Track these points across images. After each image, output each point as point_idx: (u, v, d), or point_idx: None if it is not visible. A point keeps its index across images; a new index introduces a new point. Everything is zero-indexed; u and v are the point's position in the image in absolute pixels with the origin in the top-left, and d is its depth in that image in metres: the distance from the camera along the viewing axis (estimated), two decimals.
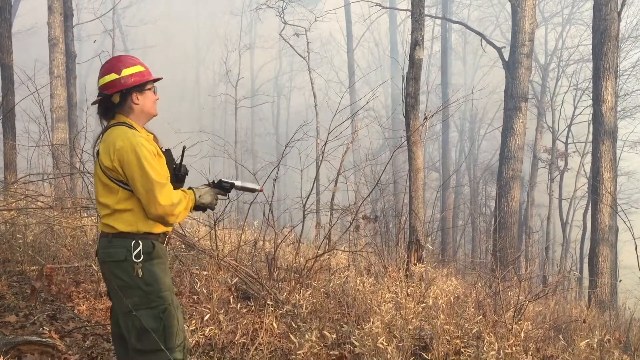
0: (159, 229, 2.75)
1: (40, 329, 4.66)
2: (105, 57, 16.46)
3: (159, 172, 2.68)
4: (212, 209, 3.00)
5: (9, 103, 9.92)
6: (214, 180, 3.05)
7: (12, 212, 6.89)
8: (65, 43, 11.02)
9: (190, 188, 2.92)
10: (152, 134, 2.92)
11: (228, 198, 3.12)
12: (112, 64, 2.80)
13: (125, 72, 2.74)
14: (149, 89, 2.84)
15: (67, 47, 11.17)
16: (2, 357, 3.85)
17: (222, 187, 3.01)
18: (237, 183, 3.07)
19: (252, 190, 3.17)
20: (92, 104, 2.85)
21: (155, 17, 34.63)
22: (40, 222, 6.78)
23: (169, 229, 2.87)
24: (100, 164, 2.69)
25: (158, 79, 2.90)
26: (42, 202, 7.54)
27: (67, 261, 6.19)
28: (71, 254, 6.39)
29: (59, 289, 5.37)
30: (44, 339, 4.31)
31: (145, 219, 2.70)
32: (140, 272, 2.63)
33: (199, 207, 2.92)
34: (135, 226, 2.68)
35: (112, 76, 2.74)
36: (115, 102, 2.75)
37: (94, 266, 5.52)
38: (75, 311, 5.18)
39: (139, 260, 2.63)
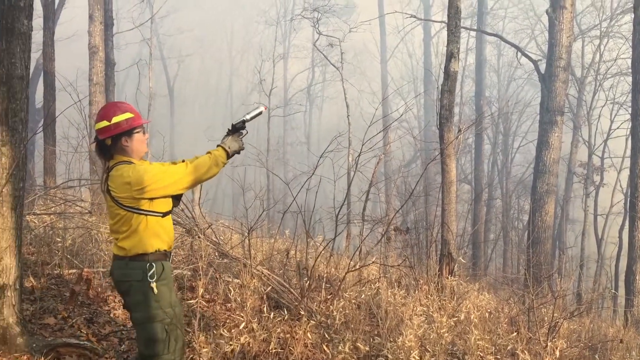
0: (165, 245, 3.19)
1: (78, 331, 4.77)
2: (142, 66, 16.78)
3: (169, 171, 3.15)
4: (244, 149, 3.40)
5: (50, 109, 10.19)
6: (229, 129, 3.40)
7: (52, 217, 7.06)
8: (105, 52, 11.26)
9: (218, 145, 3.32)
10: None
11: (247, 132, 3.44)
12: (105, 112, 3.22)
13: (115, 119, 3.16)
14: (137, 132, 3.23)
15: (107, 55, 11.42)
16: (42, 358, 3.95)
17: (238, 129, 3.39)
18: (247, 117, 3.44)
19: (260, 114, 3.52)
20: (90, 144, 3.22)
21: (191, 26, 35.26)
22: (78, 227, 6.93)
23: (171, 248, 3.30)
24: (113, 196, 3.09)
25: (143, 124, 3.29)
26: (80, 207, 7.71)
27: (103, 265, 6.31)
28: (107, 259, 6.52)
29: (96, 293, 5.48)
30: (81, 342, 4.41)
31: (156, 236, 3.14)
32: (153, 291, 3.06)
33: (233, 154, 3.34)
34: (149, 244, 3.10)
35: (104, 123, 3.17)
36: (108, 144, 3.19)
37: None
38: (112, 315, 5.28)
39: (152, 280, 3.07)
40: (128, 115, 3.20)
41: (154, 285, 3.06)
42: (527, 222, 14.14)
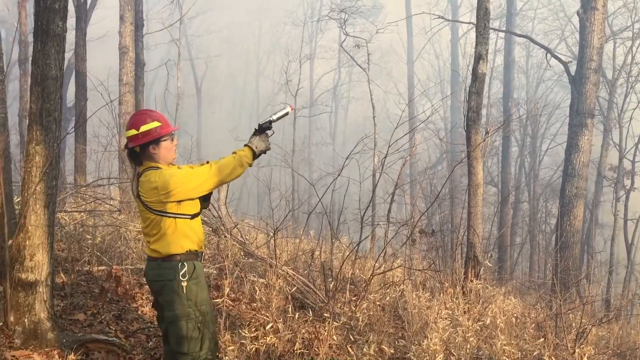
0: (195, 245, 3.27)
1: (107, 328, 4.86)
2: (171, 66, 16.97)
3: (194, 174, 3.24)
4: (270, 149, 3.45)
5: (82, 109, 10.38)
6: (255, 128, 3.44)
7: (82, 214, 7.20)
8: (135, 52, 11.42)
9: (245, 145, 3.38)
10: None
11: (274, 132, 3.48)
12: (134, 121, 3.32)
13: (143, 128, 3.26)
14: (165, 140, 3.31)
15: (137, 55, 11.57)
16: (72, 353, 4.03)
17: (264, 129, 3.43)
18: (273, 117, 3.49)
19: (286, 114, 3.56)
20: (122, 150, 3.28)
21: (219, 27, 35.56)
22: (107, 225, 7.05)
23: (202, 248, 3.38)
24: (143, 201, 3.22)
25: (171, 132, 3.36)
26: (110, 205, 7.83)
27: (132, 263, 6.41)
28: (136, 257, 6.62)
29: (125, 290, 5.57)
30: (110, 338, 4.49)
31: (186, 237, 3.23)
32: (184, 290, 3.16)
33: (260, 154, 3.39)
34: (179, 246, 3.20)
35: (133, 132, 3.28)
36: (137, 151, 3.31)
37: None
38: (140, 312, 5.36)
39: (184, 279, 3.17)
40: (156, 124, 3.28)
41: (185, 284, 3.16)
42: (555, 226, 13.95)
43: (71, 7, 8.77)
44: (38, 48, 4.16)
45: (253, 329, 4.42)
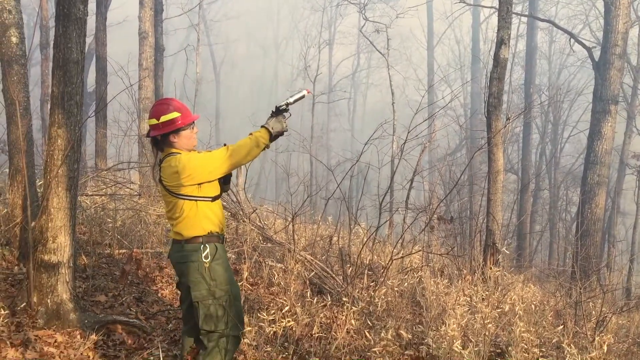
0: (217, 227, 3.34)
1: (127, 309, 4.92)
2: (190, 51, 16.99)
3: (211, 156, 3.28)
4: (287, 131, 3.45)
5: (102, 93, 10.46)
6: (272, 110, 3.45)
7: (103, 198, 7.28)
8: (155, 37, 11.45)
9: (262, 126, 3.39)
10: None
11: (290, 114, 3.48)
12: (155, 110, 3.38)
13: (163, 118, 3.32)
14: (185, 130, 3.37)
15: (156, 40, 11.60)
16: (93, 334, 4.09)
17: (281, 112, 3.44)
18: (290, 100, 3.49)
19: (303, 97, 3.56)
20: (144, 137, 3.27)
21: (238, 13, 35.46)
22: (128, 208, 7.13)
23: (223, 231, 3.44)
24: (165, 185, 3.30)
25: (192, 122, 3.40)
26: (130, 189, 7.90)
27: (151, 246, 6.48)
28: (156, 240, 6.69)
29: (145, 273, 5.63)
30: (131, 320, 4.56)
31: (207, 219, 3.30)
32: (207, 270, 3.24)
33: (277, 135, 3.40)
34: (201, 227, 3.28)
35: (153, 121, 3.35)
36: (158, 139, 3.40)
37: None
38: (159, 295, 5.42)
39: (207, 261, 3.25)
40: (176, 114, 3.34)
41: (207, 265, 3.25)
42: (576, 214, 13.78)
43: None
44: (59, 32, 4.19)
45: (272, 312, 4.44)
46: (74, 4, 4.18)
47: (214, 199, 3.35)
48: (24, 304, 4.22)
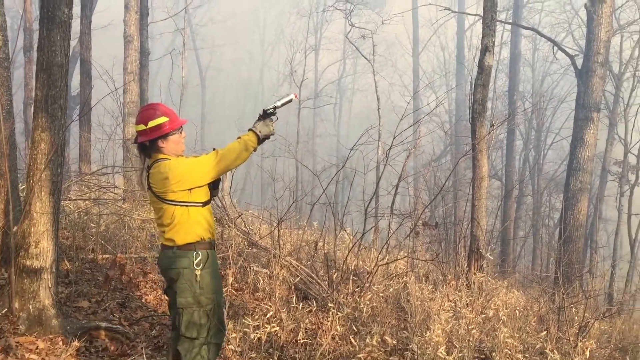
0: (208, 233, 3.33)
1: (111, 315, 4.87)
2: (175, 55, 16.91)
3: (201, 161, 3.27)
4: (274, 134, 3.44)
5: (86, 97, 10.38)
6: (260, 114, 3.45)
7: (86, 202, 7.21)
8: (140, 40, 11.39)
9: (249, 130, 3.38)
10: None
11: (277, 118, 3.48)
12: (143, 116, 3.35)
13: (151, 123, 3.30)
14: (173, 134, 3.35)
15: (142, 44, 11.54)
16: (76, 340, 4.05)
17: (269, 115, 3.44)
18: (278, 103, 3.48)
19: (290, 101, 3.57)
20: (132, 143, 3.25)
21: (224, 17, 35.45)
22: (112, 213, 7.07)
23: (214, 236, 3.43)
24: (155, 192, 3.26)
25: (180, 126, 3.39)
26: (114, 193, 7.84)
27: (136, 251, 6.43)
28: (140, 245, 6.64)
29: (129, 279, 5.58)
30: (114, 326, 4.51)
31: (199, 225, 3.28)
32: (198, 277, 3.23)
33: (264, 139, 3.39)
34: (194, 233, 3.26)
35: (141, 127, 3.32)
36: (146, 145, 3.35)
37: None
38: (143, 300, 5.38)
39: (198, 268, 3.23)
40: (163, 119, 3.32)
41: (198, 272, 3.23)
42: (559, 220, 13.92)
43: None
44: (44, 35, 4.16)
45: (256, 318, 4.42)
46: (58, 7, 4.15)
47: (205, 204, 3.33)
48: (5, 309, 4.16)
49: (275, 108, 3.46)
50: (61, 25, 4.18)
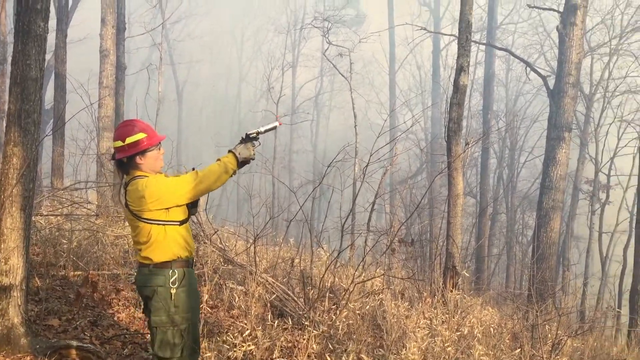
0: (186, 252, 3.30)
1: (82, 334, 4.77)
2: (152, 70, 16.83)
3: (180, 181, 3.24)
4: (254, 159, 3.42)
5: (60, 111, 10.25)
6: (242, 137, 3.44)
7: (58, 218, 7.09)
8: (116, 55, 11.31)
9: (229, 151, 3.36)
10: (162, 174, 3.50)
11: (260, 143, 3.49)
12: (120, 132, 3.31)
13: (129, 140, 3.26)
14: (151, 150, 3.32)
15: (118, 58, 11.46)
16: (46, 359, 3.95)
17: (251, 139, 3.42)
18: (261, 129, 3.48)
19: (274, 128, 3.56)
20: (109, 160, 3.23)
21: (202, 33, 35.44)
22: (84, 229, 6.95)
23: (192, 255, 3.39)
24: (132, 210, 3.22)
25: (158, 142, 3.36)
26: (87, 209, 7.73)
27: (108, 268, 6.32)
28: (112, 262, 6.53)
29: (101, 296, 5.48)
30: (85, 345, 4.42)
31: (176, 244, 3.26)
32: (173, 296, 3.20)
33: (243, 162, 3.37)
34: (171, 252, 3.23)
35: (118, 143, 3.29)
36: (124, 161, 3.31)
37: (134, 274, 5.63)
38: (116, 318, 5.28)
39: (174, 287, 3.21)
40: (141, 135, 3.29)
41: (174, 291, 3.20)
42: (532, 238, 14.09)
43: (52, 9, 8.66)
44: (18, 48, 4.11)
45: (231, 337, 4.37)
46: (34, 21, 4.11)
47: (182, 222, 3.30)
48: None
49: (258, 133, 3.45)
50: (37, 39, 4.14)
